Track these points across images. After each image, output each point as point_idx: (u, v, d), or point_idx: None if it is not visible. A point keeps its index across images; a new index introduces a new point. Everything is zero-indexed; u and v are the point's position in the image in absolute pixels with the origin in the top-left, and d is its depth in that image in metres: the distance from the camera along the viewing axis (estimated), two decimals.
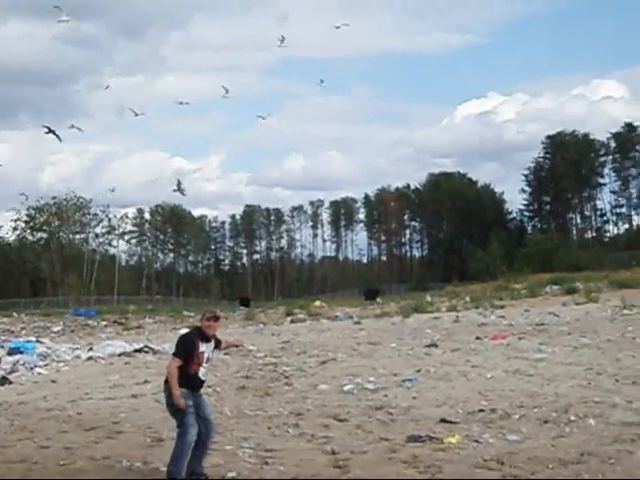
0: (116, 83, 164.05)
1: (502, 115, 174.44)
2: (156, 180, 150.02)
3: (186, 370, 9.01)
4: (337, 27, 25.66)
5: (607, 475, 8.73)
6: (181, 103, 31.18)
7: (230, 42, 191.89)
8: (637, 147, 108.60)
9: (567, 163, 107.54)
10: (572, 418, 11.71)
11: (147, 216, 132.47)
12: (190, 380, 9.08)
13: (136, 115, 31.88)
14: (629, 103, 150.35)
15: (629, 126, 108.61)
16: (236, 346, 13.50)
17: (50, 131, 27.60)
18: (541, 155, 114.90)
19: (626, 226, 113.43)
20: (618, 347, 19.98)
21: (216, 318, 9.36)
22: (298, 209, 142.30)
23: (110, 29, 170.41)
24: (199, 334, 9.25)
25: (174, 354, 9.19)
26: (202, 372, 9.23)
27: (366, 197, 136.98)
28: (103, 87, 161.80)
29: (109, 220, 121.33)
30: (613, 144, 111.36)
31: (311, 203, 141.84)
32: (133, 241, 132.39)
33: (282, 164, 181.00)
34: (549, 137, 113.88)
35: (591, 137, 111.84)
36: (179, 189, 29.43)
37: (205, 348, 9.20)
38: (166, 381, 9.21)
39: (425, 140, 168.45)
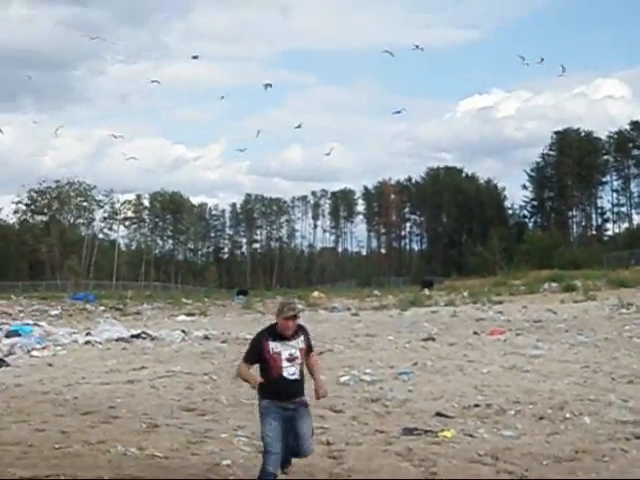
0: (118, 70, 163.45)
1: (502, 111, 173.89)
2: (156, 167, 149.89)
3: (267, 375, 7.78)
4: (327, 154, 26.61)
5: (601, 473, 8.72)
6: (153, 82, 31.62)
7: (232, 32, 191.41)
8: (638, 146, 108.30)
9: (571, 160, 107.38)
10: (567, 415, 11.71)
11: (146, 203, 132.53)
12: (271, 386, 7.75)
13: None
14: (630, 103, 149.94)
15: (633, 124, 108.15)
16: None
17: (267, 84, 29.38)
18: (546, 151, 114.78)
19: (626, 225, 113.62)
20: (615, 346, 20.02)
21: (295, 317, 7.86)
22: (301, 199, 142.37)
23: (113, 15, 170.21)
24: (271, 333, 7.88)
25: (243, 358, 8.00)
26: (289, 372, 7.79)
27: (365, 189, 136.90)
28: (105, 73, 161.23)
29: (112, 205, 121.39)
30: (614, 143, 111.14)
31: (313, 193, 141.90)
32: (132, 227, 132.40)
33: (282, 154, 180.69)
34: (557, 133, 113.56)
35: (595, 135, 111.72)
36: None
37: (282, 347, 7.78)
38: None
39: (426, 134, 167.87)
